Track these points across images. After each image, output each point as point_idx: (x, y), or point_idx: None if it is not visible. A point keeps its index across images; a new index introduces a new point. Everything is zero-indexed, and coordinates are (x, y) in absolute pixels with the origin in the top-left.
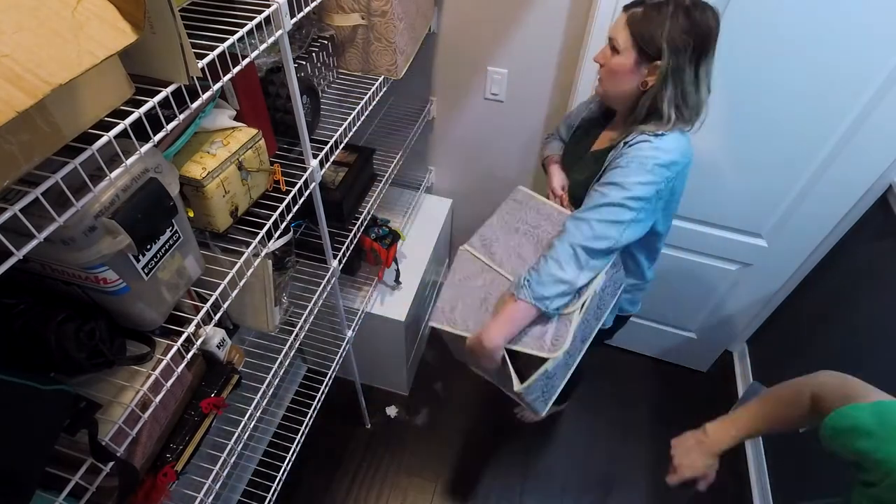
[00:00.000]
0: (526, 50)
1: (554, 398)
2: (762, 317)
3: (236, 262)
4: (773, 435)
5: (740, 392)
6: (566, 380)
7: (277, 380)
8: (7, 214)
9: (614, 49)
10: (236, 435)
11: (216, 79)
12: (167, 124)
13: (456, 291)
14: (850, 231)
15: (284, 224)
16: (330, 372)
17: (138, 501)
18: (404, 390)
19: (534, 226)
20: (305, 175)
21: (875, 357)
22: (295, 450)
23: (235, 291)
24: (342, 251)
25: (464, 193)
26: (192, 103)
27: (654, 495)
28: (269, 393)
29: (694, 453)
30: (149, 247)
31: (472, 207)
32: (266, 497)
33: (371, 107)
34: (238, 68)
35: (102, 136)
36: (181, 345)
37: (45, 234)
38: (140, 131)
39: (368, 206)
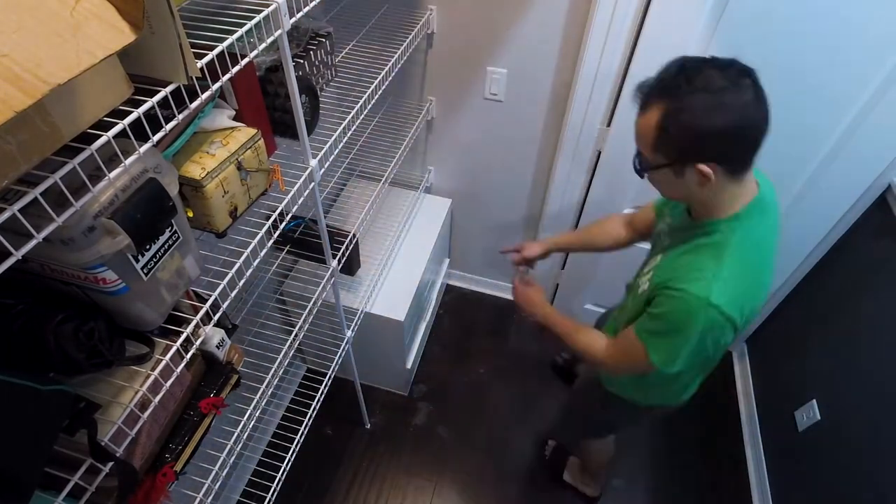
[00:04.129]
0: (525, 50)
1: None
2: (762, 317)
3: (236, 262)
4: (770, 430)
5: (740, 392)
6: None
7: (277, 380)
8: (6, 214)
9: None
10: (236, 435)
11: (215, 79)
12: (166, 124)
13: None
14: (849, 231)
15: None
16: (329, 372)
17: (138, 501)
18: (404, 390)
19: None
20: (305, 174)
21: (874, 357)
22: (295, 450)
23: (235, 291)
24: (342, 251)
25: (464, 193)
26: (191, 103)
27: (654, 494)
28: (269, 393)
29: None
30: (148, 247)
31: (471, 207)
32: (266, 497)
33: (370, 106)
34: (237, 68)
35: (101, 136)
36: (180, 345)
37: (43, 234)
38: (139, 131)
39: (367, 205)
